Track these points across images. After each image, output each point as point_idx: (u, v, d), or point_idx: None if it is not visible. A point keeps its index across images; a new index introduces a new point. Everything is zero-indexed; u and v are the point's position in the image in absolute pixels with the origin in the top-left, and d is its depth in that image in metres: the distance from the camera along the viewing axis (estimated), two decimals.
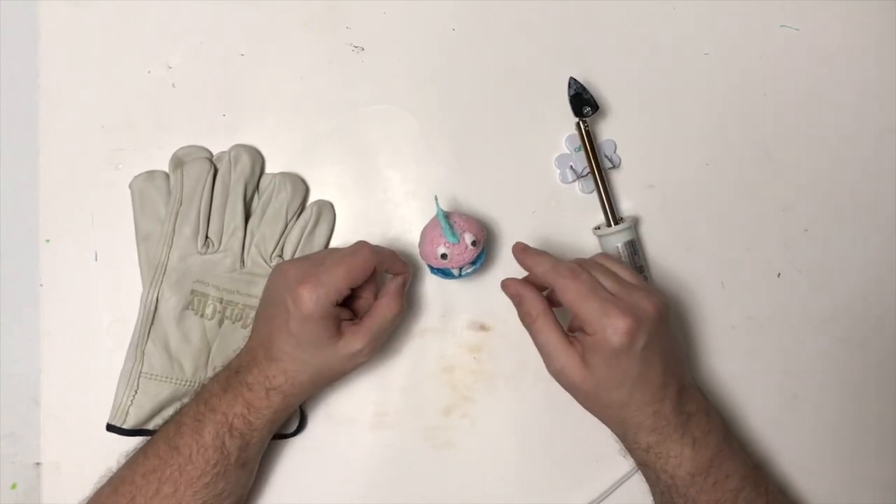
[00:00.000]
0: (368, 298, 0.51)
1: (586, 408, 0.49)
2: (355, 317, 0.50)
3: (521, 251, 0.50)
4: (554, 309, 0.49)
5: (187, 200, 0.53)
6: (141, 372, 0.52)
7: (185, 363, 0.53)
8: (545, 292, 0.50)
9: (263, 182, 0.55)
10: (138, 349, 0.53)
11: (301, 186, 0.55)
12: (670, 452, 0.48)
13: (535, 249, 0.50)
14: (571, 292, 0.46)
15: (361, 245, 0.49)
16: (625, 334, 0.45)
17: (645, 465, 0.49)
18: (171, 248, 0.53)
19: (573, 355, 0.47)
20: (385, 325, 0.49)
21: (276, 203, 0.54)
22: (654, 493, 0.51)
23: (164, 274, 0.53)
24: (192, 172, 0.54)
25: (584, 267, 0.48)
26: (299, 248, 0.55)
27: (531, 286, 0.50)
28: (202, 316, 0.53)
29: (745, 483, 0.49)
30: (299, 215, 0.55)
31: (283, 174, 0.55)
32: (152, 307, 0.53)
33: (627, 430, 0.48)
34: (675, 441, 0.47)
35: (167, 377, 0.53)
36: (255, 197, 0.55)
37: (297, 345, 0.48)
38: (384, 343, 0.51)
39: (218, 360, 0.54)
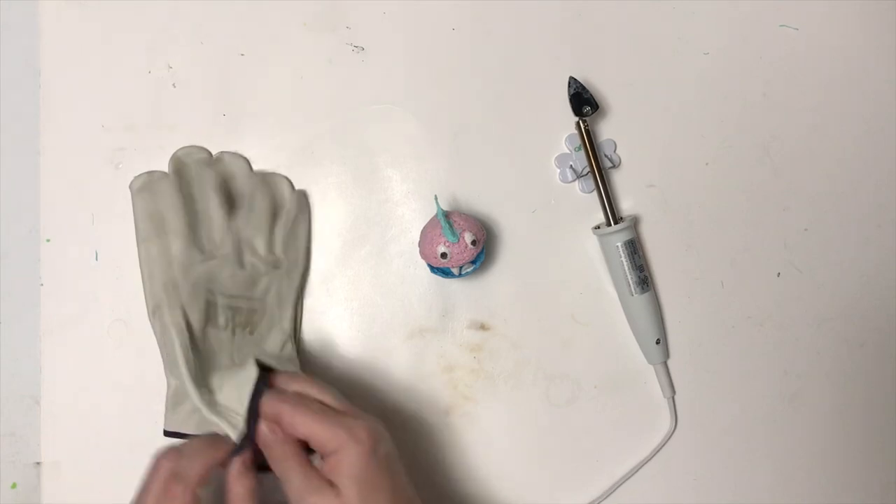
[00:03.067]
0: None
1: None
2: None
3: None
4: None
5: (173, 216, 0.52)
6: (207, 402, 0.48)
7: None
8: None
9: (245, 183, 0.55)
10: (200, 382, 0.48)
11: (283, 182, 0.55)
12: None
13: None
14: (300, 418, 0.44)
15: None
16: (367, 437, 0.43)
17: None
18: (172, 264, 0.51)
19: (322, 487, 0.43)
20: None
21: (260, 202, 0.54)
22: None
23: (176, 290, 0.51)
24: (168, 190, 0.52)
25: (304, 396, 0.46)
26: (284, 241, 0.55)
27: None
28: (216, 327, 0.52)
29: None
30: (283, 211, 0.55)
31: (263, 174, 0.55)
32: (185, 331, 0.49)
33: None
34: None
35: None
36: (239, 198, 0.54)
37: None
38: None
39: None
